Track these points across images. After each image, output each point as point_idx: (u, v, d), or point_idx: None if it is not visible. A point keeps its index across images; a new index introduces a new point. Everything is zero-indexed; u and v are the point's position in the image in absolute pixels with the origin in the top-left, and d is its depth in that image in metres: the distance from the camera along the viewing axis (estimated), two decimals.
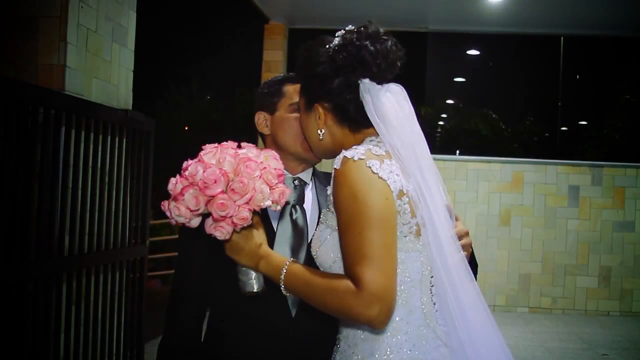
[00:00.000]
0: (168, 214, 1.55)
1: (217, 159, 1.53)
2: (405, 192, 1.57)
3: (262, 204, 1.53)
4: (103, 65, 3.84)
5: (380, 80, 1.66)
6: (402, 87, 1.71)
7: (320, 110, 1.69)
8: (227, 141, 1.63)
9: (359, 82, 1.64)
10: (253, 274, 1.62)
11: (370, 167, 1.53)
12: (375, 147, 1.61)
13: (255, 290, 1.63)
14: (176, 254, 1.97)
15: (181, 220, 1.53)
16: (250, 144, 1.63)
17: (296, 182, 1.91)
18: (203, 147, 1.58)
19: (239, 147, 1.61)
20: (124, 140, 3.94)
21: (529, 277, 8.52)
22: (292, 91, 1.90)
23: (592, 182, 8.61)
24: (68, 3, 3.44)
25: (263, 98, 1.95)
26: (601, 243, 8.55)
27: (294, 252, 1.83)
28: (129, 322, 4.04)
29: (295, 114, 1.87)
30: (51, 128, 3.22)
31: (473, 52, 13.96)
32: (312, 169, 1.98)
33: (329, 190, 1.61)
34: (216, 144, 1.58)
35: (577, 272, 8.56)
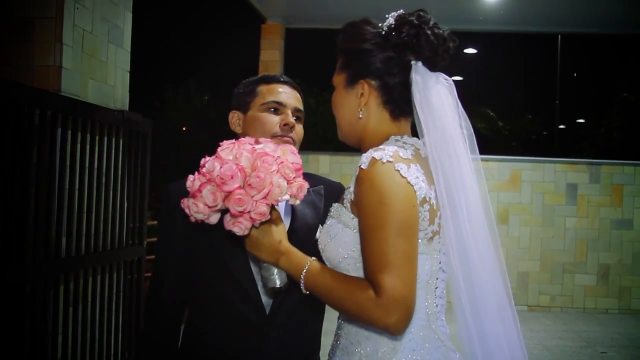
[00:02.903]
0: (187, 211, 1.55)
1: (234, 155, 1.52)
2: (427, 199, 1.56)
3: (280, 198, 1.52)
4: (99, 66, 3.83)
5: (432, 66, 1.65)
6: (451, 80, 1.69)
7: (366, 87, 1.66)
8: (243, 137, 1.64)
9: (412, 62, 1.62)
10: (275, 270, 1.63)
11: (398, 171, 1.51)
12: (402, 149, 1.59)
13: (278, 286, 1.63)
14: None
15: (200, 217, 1.53)
16: (268, 140, 1.62)
17: None
18: (220, 143, 1.57)
19: (256, 142, 1.60)
20: (121, 141, 3.94)
21: (527, 275, 8.52)
22: (265, 91, 1.91)
23: (590, 180, 8.62)
24: (63, 4, 3.43)
25: (238, 98, 1.97)
26: (599, 241, 8.56)
27: None
28: (126, 323, 4.04)
29: (266, 113, 1.88)
30: (47, 129, 3.22)
31: (470, 50, 13.97)
32: None
33: (352, 187, 1.60)
34: (233, 140, 1.58)
35: (576, 270, 8.57)
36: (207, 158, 1.55)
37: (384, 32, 1.65)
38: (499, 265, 1.65)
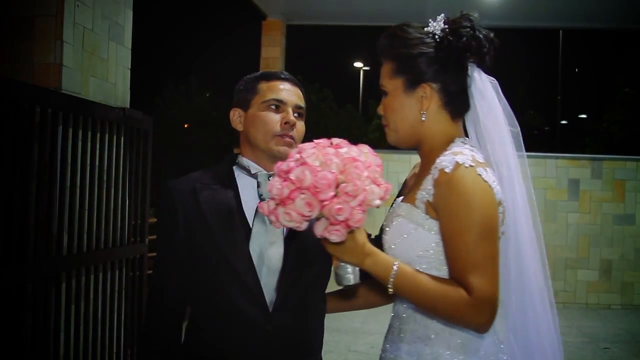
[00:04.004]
0: (273, 218, 1.51)
1: (322, 161, 1.49)
2: (501, 202, 1.63)
3: (373, 203, 1.50)
4: (100, 64, 3.83)
5: (483, 67, 1.73)
6: (494, 80, 1.77)
7: (428, 90, 1.70)
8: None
9: (469, 64, 1.70)
10: (350, 268, 1.62)
11: (480, 175, 1.58)
12: (476, 152, 1.66)
13: (352, 283, 1.63)
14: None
15: (291, 225, 1.50)
16: (343, 140, 1.59)
17: (271, 178, 1.91)
18: (298, 146, 1.54)
19: (336, 145, 1.57)
20: (122, 138, 3.93)
21: None
22: (266, 89, 1.91)
23: (592, 176, 8.61)
24: (64, 2, 3.42)
25: (238, 95, 1.96)
26: (601, 236, 8.55)
27: (269, 246, 1.84)
28: (128, 321, 4.04)
29: (267, 112, 1.87)
30: (48, 127, 3.21)
31: None
32: None
33: (432, 190, 1.61)
34: (313, 143, 1.54)
35: (578, 266, 8.56)
36: (285, 163, 1.51)
37: (438, 36, 1.71)
38: (542, 261, 1.74)
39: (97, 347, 3.67)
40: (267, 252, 1.83)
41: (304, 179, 1.45)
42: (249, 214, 1.86)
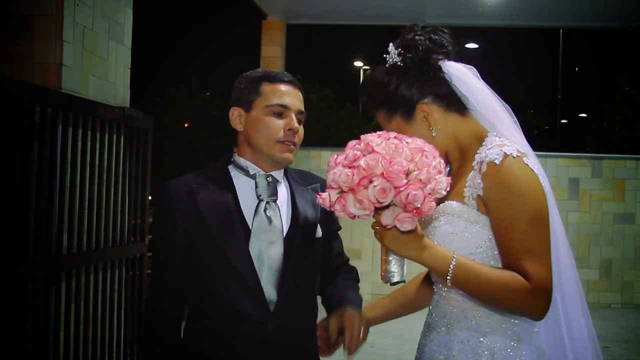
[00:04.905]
0: (337, 207, 1.48)
1: (392, 149, 1.48)
2: (545, 191, 1.65)
3: (441, 193, 1.50)
4: (100, 63, 3.83)
5: (449, 58, 1.76)
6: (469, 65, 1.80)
7: (425, 108, 1.73)
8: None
9: (439, 63, 1.73)
10: (398, 264, 1.60)
11: (527, 164, 1.61)
12: (509, 142, 1.67)
13: (402, 279, 1.62)
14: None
15: (361, 213, 1.47)
16: (392, 132, 1.58)
17: (269, 178, 1.91)
18: (362, 136, 1.52)
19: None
20: (122, 138, 3.93)
21: None
22: (270, 92, 1.89)
23: (592, 175, 8.61)
24: (64, 1, 3.42)
25: (239, 93, 1.93)
26: (602, 235, 8.55)
27: (269, 246, 1.84)
28: (128, 320, 4.04)
29: (271, 117, 1.87)
30: (48, 127, 3.22)
31: (472, 45, 13.96)
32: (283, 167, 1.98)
33: (482, 184, 1.62)
34: (378, 133, 1.53)
35: (578, 265, 8.41)
36: (356, 153, 1.47)
37: (400, 61, 1.74)
38: (570, 257, 1.79)
39: (97, 347, 3.67)
40: (267, 252, 1.84)
41: (376, 166, 1.44)
42: (247, 214, 1.86)
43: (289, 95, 1.90)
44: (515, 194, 1.58)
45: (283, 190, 1.94)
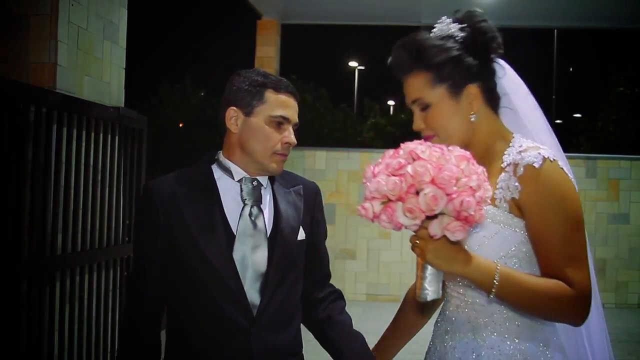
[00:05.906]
0: (384, 218, 1.41)
1: (439, 156, 1.42)
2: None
3: (488, 201, 1.44)
4: (94, 63, 3.82)
5: (498, 57, 1.75)
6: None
7: (474, 90, 1.69)
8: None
9: (493, 57, 1.72)
10: (436, 280, 1.51)
11: (562, 168, 1.59)
12: (543, 145, 1.65)
13: (435, 298, 1.52)
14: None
15: (411, 223, 1.39)
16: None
17: (254, 182, 1.89)
18: (402, 145, 1.46)
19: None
20: (116, 137, 3.93)
21: None
22: (274, 102, 1.85)
23: (587, 175, 8.63)
24: (58, 1, 3.41)
25: (240, 94, 1.87)
26: (596, 235, 8.57)
27: (254, 251, 1.83)
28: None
29: (272, 129, 1.83)
30: (43, 126, 3.21)
31: None
32: None
33: (519, 187, 1.59)
34: (420, 141, 1.47)
35: None
36: (400, 161, 1.41)
37: (461, 37, 1.70)
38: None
39: (92, 346, 3.67)
40: (252, 257, 1.82)
41: (424, 173, 1.37)
42: (231, 218, 1.84)
43: (291, 107, 1.87)
44: (557, 199, 1.55)
45: (267, 195, 1.92)
